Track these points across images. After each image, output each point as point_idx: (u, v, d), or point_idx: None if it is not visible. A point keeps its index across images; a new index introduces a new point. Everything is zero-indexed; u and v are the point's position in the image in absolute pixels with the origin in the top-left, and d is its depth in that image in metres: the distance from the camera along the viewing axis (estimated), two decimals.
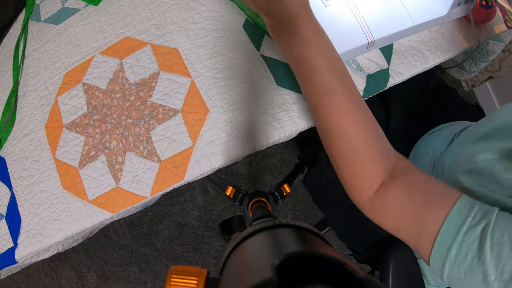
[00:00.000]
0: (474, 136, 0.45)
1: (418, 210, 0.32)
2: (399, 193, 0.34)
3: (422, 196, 0.33)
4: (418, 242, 0.33)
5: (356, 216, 0.61)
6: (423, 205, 0.32)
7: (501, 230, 0.29)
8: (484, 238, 0.28)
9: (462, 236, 0.30)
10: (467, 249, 0.29)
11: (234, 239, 0.21)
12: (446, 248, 0.30)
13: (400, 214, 0.34)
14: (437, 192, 0.33)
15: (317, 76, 0.35)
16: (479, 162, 0.38)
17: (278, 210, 1.28)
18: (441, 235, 0.31)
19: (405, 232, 0.34)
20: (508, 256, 0.27)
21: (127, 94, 0.46)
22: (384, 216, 0.35)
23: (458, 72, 0.83)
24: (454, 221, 0.30)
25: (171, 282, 0.17)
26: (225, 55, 0.47)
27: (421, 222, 0.32)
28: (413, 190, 0.33)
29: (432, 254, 0.32)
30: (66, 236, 0.44)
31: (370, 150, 0.35)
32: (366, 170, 0.35)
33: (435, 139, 0.57)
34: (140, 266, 1.25)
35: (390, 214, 0.35)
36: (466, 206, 0.31)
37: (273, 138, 0.44)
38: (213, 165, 0.43)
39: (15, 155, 0.49)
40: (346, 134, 0.35)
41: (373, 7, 0.46)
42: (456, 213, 0.30)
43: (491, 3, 0.54)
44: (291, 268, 0.15)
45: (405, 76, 0.49)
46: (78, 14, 0.52)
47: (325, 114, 0.35)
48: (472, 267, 0.29)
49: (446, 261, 0.30)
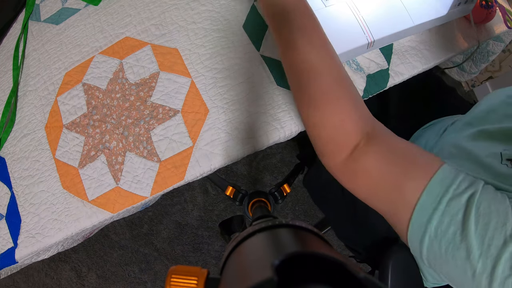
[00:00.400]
0: (460, 125, 0.46)
1: (396, 178, 0.29)
2: (376, 158, 0.31)
3: (401, 163, 0.30)
4: (395, 213, 0.30)
5: (355, 216, 0.62)
6: (402, 172, 0.29)
7: (487, 201, 0.26)
8: (470, 209, 0.26)
9: (445, 206, 0.27)
10: (450, 220, 0.26)
11: (234, 239, 0.21)
12: (426, 218, 0.27)
13: (376, 181, 0.31)
14: (419, 160, 0.30)
15: (291, 14, 0.34)
16: (463, 147, 0.38)
17: (278, 210, 1.28)
18: (421, 204, 0.28)
19: (380, 200, 0.31)
20: (495, 228, 0.25)
21: (127, 94, 0.46)
22: (358, 183, 0.32)
23: (459, 74, 0.83)
24: (436, 190, 0.27)
25: (171, 282, 0.17)
26: (225, 55, 0.47)
27: (400, 190, 0.29)
28: (392, 156, 0.30)
29: (410, 226, 0.29)
30: (66, 236, 0.44)
31: (345, 101, 0.32)
32: (339, 126, 0.32)
33: (428, 132, 0.58)
34: (140, 266, 1.25)
35: (365, 181, 0.31)
36: (450, 175, 0.28)
37: (273, 138, 0.44)
38: (213, 165, 0.43)
39: (15, 155, 0.49)
40: (320, 74, 0.32)
41: (373, 7, 0.46)
42: (438, 181, 0.28)
43: (491, 3, 0.54)
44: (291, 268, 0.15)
45: (405, 76, 0.49)
46: (78, 14, 0.52)
47: (299, 53, 0.33)
48: (455, 241, 0.26)
49: (426, 234, 0.28)
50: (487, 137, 0.38)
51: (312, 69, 0.33)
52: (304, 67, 0.33)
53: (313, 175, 0.71)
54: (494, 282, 0.24)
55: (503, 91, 0.44)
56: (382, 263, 0.52)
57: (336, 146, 0.33)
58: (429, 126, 0.60)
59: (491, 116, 0.40)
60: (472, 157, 0.36)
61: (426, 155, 0.31)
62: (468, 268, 0.26)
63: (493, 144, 0.36)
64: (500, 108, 0.40)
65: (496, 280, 0.24)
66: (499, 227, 0.25)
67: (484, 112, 0.42)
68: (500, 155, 0.33)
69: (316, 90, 0.33)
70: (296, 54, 0.34)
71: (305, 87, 0.33)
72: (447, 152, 0.41)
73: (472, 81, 1.43)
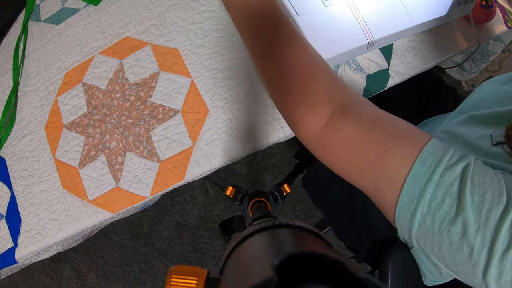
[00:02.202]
0: (453, 114, 0.47)
1: (378, 149, 0.27)
2: (357, 128, 0.28)
3: (384, 133, 0.28)
4: (377, 188, 0.28)
5: (355, 216, 0.62)
6: (386, 142, 0.27)
7: (481, 172, 0.25)
8: (465, 179, 0.24)
9: (439, 176, 0.25)
10: (445, 192, 0.25)
11: (234, 239, 0.21)
12: (418, 191, 0.25)
13: (357, 153, 0.28)
14: (403, 130, 0.28)
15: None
16: (454, 131, 0.38)
17: (278, 210, 1.28)
18: (413, 176, 0.26)
19: (362, 175, 0.29)
20: (492, 200, 0.24)
21: (127, 94, 0.46)
22: (337, 155, 0.29)
23: (459, 73, 0.83)
24: (428, 160, 0.26)
25: (171, 282, 0.17)
26: (225, 55, 0.47)
27: (382, 162, 0.27)
28: (374, 126, 0.28)
29: (400, 202, 0.27)
30: (66, 236, 0.44)
31: (320, 65, 0.30)
32: (312, 90, 0.29)
33: (425, 128, 0.58)
34: (140, 266, 1.25)
35: (345, 153, 0.29)
36: (441, 147, 0.27)
37: (273, 138, 0.44)
38: (213, 165, 0.43)
39: (15, 155, 0.49)
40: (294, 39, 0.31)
41: (373, 7, 0.46)
42: (429, 152, 0.26)
43: (491, 3, 0.54)
44: (291, 268, 0.15)
45: (405, 76, 0.49)
46: (78, 14, 0.52)
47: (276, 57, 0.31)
48: (450, 214, 0.24)
49: (418, 208, 0.26)
50: (477, 122, 0.37)
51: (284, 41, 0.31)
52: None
53: (311, 175, 0.71)
54: (493, 257, 0.23)
55: (495, 79, 0.44)
56: (382, 263, 0.52)
57: (308, 111, 0.30)
58: (427, 122, 0.60)
59: (482, 103, 0.40)
60: (463, 140, 0.36)
61: (414, 128, 0.29)
62: (464, 246, 0.24)
63: (483, 127, 0.36)
64: (491, 95, 0.41)
65: (496, 254, 0.23)
66: (495, 199, 0.24)
67: (476, 100, 0.42)
68: (490, 137, 0.33)
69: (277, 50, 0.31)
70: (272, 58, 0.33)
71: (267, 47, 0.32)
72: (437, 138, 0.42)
73: (472, 80, 1.43)
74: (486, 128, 0.36)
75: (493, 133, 0.34)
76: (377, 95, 0.49)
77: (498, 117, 0.36)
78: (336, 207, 0.66)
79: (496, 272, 0.23)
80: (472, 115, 0.40)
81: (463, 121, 0.40)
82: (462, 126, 0.40)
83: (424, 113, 0.64)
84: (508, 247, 0.23)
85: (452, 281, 0.46)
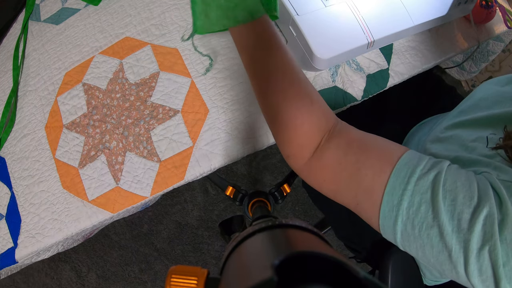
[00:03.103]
0: (455, 113, 0.46)
1: (352, 167, 0.30)
2: (335, 153, 0.32)
3: (357, 153, 0.31)
4: (357, 203, 0.31)
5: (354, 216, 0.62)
6: (357, 161, 0.30)
7: (452, 178, 0.27)
8: (438, 186, 0.26)
9: (413, 185, 0.27)
10: (420, 199, 0.27)
11: (234, 239, 0.21)
12: (396, 200, 0.28)
13: (337, 174, 0.31)
14: (374, 148, 0.31)
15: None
16: (451, 133, 0.39)
17: (278, 210, 1.28)
18: (390, 186, 0.28)
19: (343, 194, 0.32)
20: (463, 203, 0.25)
21: (127, 94, 0.46)
22: (321, 181, 0.33)
23: (459, 73, 0.83)
24: (402, 172, 0.28)
25: (171, 282, 0.17)
26: (225, 55, 0.47)
27: (357, 179, 0.30)
28: (348, 149, 0.31)
29: (382, 211, 0.29)
30: (66, 236, 0.44)
31: (302, 103, 0.33)
32: (299, 129, 0.33)
33: (423, 127, 0.58)
34: (140, 266, 1.25)
35: (327, 176, 0.32)
36: (415, 158, 0.29)
37: (273, 138, 0.44)
38: (213, 165, 0.43)
39: (15, 155, 0.49)
40: (275, 80, 0.33)
41: (373, 7, 0.46)
42: (404, 163, 0.28)
43: (491, 3, 0.54)
44: (291, 268, 0.15)
45: (405, 76, 0.49)
46: (78, 14, 0.52)
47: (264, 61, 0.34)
48: (427, 220, 0.26)
49: (398, 216, 0.28)
50: (475, 123, 0.38)
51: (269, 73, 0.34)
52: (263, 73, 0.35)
53: None
54: (470, 256, 0.25)
55: (495, 80, 0.44)
56: (382, 263, 0.52)
57: (299, 148, 0.34)
58: (426, 122, 0.60)
59: (482, 103, 0.41)
60: (459, 142, 0.37)
61: (388, 144, 0.31)
62: (444, 247, 0.26)
63: (480, 129, 0.37)
64: (490, 95, 0.41)
65: (472, 253, 0.25)
66: (466, 202, 0.25)
67: (476, 100, 0.43)
68: (486, 139, 0.34)
69: (272, 96, 0.34)
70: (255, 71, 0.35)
71: (264, 92, 0.35)
72: (435, 136, 0.42)
73: (472, 80, 1.43)
74: (483, 129, 0.36)
75: (489, 134, 0.34)
76: (377, 95, 0.49)
77: (496, 119, 0.37)
78: (336, 207, 0.65)
79: (475, 269, 0.25)
80: (471, 118, 0.40)
81: (460, 122, 0.40)
82: (460, 128, 0.40)
83: (424, 113, 0.64)
84: (483, 245, 0.24)
85: (452, 281, 0.46)
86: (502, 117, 0.36)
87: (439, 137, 0.41)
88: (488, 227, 0.24)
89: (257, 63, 0.35)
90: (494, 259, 0.24)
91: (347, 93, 0.47)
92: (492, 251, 0.24)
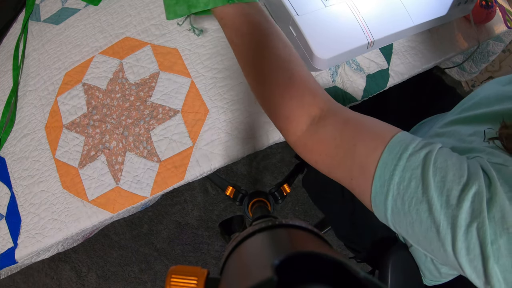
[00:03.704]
0: (454, 112, 0.47)
1: (348, 144, 0.31)
2: (331, 129, 0.33)
3: (352, 130, 0.32)
4: (352, 178, 0.31)
5: (354, 216, 0.62)
6: (353, 137, 0.31)
7: (443, 157, 0.27)
8: (428, 163, 0.27)
9: (405, 161, 0.28)
10: (411, 175, 0.27)
11: (234, 239, 0.21)
12: (388, 175, 0.28)
13: (332, 150, 0.32)
14: (370, 126, 0.32)
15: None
16: (449, 129, 0.39)
17: (278, 210, 1.28)
18: (382, 162, 0.29)
19: (338, 169, 0.33)
20: (452, 180, 0.26)
21: (127, 94, 0.46)
22: (318, 154, 0.34)
23: (459, 73, 0.83)
24: (395, 148, 0.29)
25: (171, 282, 0.17)
26: (225, 55, 0.47)
27: (353, 155, 0.31)
28: (344, 127, 0.32)
29: (373, 187, 0.29)
30: (66, 236, 0.44)
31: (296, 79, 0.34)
32: (295, 103, 0.34)
33: (424, 126, 0.58)
34: (140, 266, 1.25)
35: (323, 150, 0.33)
36: (409, 137, 0.30)
37: (273, 138, 0.44)
38: (213, 165, 0.43)
39: (15, 155, 0.49)
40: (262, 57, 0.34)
41: (373, 7, 0.46)
42: (397, 141, 0.29)
43: (491, 3, 0.54)
44: (291, 268, 0.15)
45: (405, 76, 0.49)
46: (78, 14, 0.52)
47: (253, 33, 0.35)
48: (417, 195, 0.27)
49: (389, 191, 0.28)
50: (474, 120, 0.39)
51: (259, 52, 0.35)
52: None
53: (311, 175, 0.71)
54: (458, 232, 0.25)
55: (497, 80, 0.44)
56: (382, 263, 0.52)
57: (287, 121, 0.35)
58: (426, 121, 0.60)
59: (483, 101, 0.41)
60: (457, 136, 0.37)
61: (382, 125, 0.32)
62: (432, 223, 0.26)
63: (479, 125, 0.37)
64: (492, 94, 0.41)
65: (460, 229, 0.25)
66: (456, 179, 0.26)
67: (477, 99, 0.43)
68: (483, 133, 0.34)
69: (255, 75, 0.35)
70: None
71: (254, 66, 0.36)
72: (434, 132, 0.42)
73: (472, 80, 1.43)
74: (481, 125, 0.37)
75: (486, 129, 0.35)
76: (377, 95, 0.49)
77: (495, 115, 0.37)
78: (336, 207, 0.66)
79: (463, 247, 0.25)
80: (469, 114, 0.40)
81: (460, 119, 0.41)
82: (459, 124, 0.40)
83: (424, 113, 0.64)
84: (471, 221, 0.25)
85: (451, 281, 0.46)
86: (501, 114, 0.36)
87: (437, 132, 0.41)
88: (476, 204, 0.25)
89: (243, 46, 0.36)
90: (482, 236, 0.24)
91: (347, 93, 0.47)
92: (480, 228, 0.24)
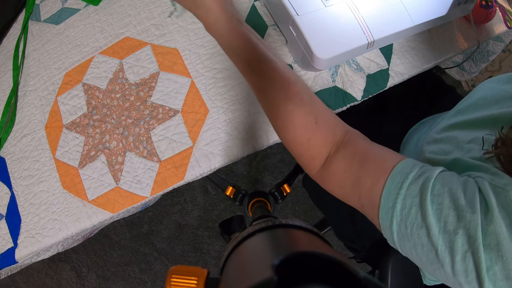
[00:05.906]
0: (453, 112, 0.47)
1: (354, 175, 0.34)
2: (341, 162, 0.36)
3: (359, 162, 0.34)
4: (362, 206, 0.34)
5: (354, 216, 0.62)
6: (358, 170, 0.34)
7: (441, 183, 0.29)
8: (426, 191, 0.29)
9: (405, 190, 0.30)
10: (411, 203, 0.29)
11: (234, 239, 0.21)
12: (391, 203, 0.30)
13: (342, 181, 0.36)
14: (374, 157, 0.34)
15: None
16: (447, 134, 0.40)
17: (278, 210, 1.28)
18: (386, 191, 0.31)
19: (350, 198, 0.36)
20: (449, 207, 0.27)
21: (127, 94, 0.46)
22: (332, 186, 0.38)
23: (459, 73, 0.83)
24: (397, 178, 0.31)
25: (171, 282, 0.17)
26: (225, 55, 0.46)
27: (359, 185, 0.34)
28: (352, 159, 0.35)
29: (380, 214, 0.32)
30: (66, 236, 0.44)
31: (308, 119, 0.37)
32: (307, 144, 0.37)
33: (423, 126, 0.58)
34: (140, 266, 1.25)
35: (335, 182, 0.37)
36: (409, 165, 0.31)
37: (273, 138, 0.44)
38: (213, 165, 0.43)
39: (15, 155, 0.49)
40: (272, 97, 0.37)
41: (373, 7, 0.46)
42: (398, 171, 0.31)
43: (491, 3, 0.54)
44: (291, 268, 0.15)
45: (405, 76, 0.49)
46: (78, 14, 0.52)
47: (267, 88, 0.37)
48: (417, 221, 0.29)
49: (393, 217, 0.30)
50: (471, 124, 0.39)
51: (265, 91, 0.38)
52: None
53: None
54: (456, 256, 0.26)
55: (496, 78, 0.44)
56: (382, 263, 0.52)
57: (310, 160, 0.38)
58: (425, 121, 0.60)
59: (481, 102, 0.41)
60: (455, 143, 0.38)
61: (387, 154, 0.35)
62: (431, 247, 0.28)
63: (476, 130, 0.37)
64: (490, 94, 0.41)
65: (457, 254, 0.26)
66: (452, 206, 0.27)
67: (475, 99, 0.43)
68: (482, 139, 0.35)
69: (279, 114, 0.37)
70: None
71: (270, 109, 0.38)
72: (432, 137, 0.42)
73: (472, 80, 1.43)
74: (479, 130, 0.37)
75: (485, 135, 0.35)
76: (377, 95, 0.49)
77: (493, 120, 0.37)
78: (336, 207, 0.66)
79: (461, 270, 0.27)
80: (466, 118, 0.40)
81: (457, 124, 0.41)
82: (456, 129, 0.40)
83: (424, 113, 0.64)
84: (468, 248, 0.26)
85: None
86: (500, 118, 0.36)
87: (435, 138, 0.41)
88: (472, 231, 0.26)
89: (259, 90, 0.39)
90: (477, 262, 0.25)
91: (347, 93, 0.47)
92: (475, 254, 0.26)
